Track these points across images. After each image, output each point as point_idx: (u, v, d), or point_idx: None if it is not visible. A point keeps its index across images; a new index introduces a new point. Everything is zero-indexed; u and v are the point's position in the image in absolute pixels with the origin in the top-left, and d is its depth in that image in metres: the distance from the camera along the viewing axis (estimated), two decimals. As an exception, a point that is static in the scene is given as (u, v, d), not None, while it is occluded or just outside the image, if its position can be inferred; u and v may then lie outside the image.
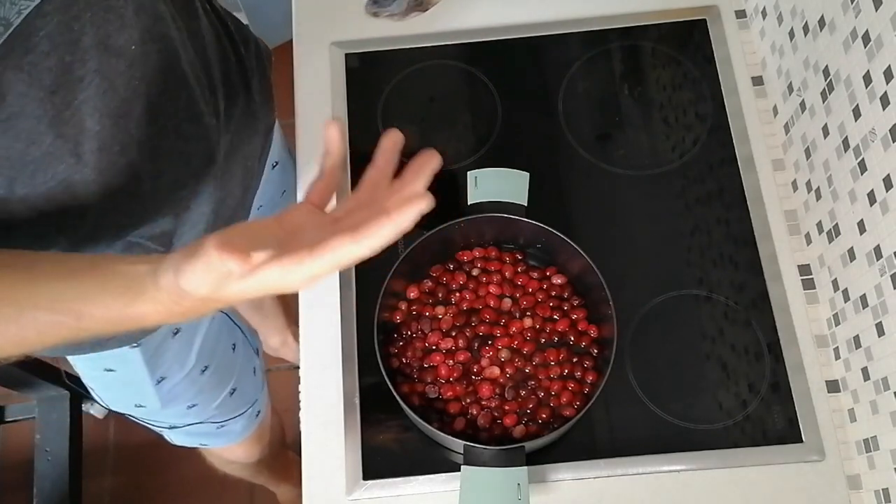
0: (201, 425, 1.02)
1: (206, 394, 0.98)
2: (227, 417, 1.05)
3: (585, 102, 1.03)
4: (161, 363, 0.87)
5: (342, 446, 0.86)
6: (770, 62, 0.99)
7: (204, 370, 0.94)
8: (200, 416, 1.00)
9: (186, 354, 0.90)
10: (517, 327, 0.86)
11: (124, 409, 0.96)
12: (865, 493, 0.83)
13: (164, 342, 0.85)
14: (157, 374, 0.88)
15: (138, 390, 0.90)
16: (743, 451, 0.84)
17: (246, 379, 1.05)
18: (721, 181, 0.96)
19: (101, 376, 0.88)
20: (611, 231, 0.95)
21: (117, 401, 0.94)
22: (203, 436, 1.07)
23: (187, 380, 0.92)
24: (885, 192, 0.75)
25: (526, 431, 0.81)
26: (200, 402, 0.98)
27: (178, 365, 0.90)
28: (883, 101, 0.74)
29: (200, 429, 1.03)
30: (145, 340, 0.82)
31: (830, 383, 0.88)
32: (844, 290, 0.85)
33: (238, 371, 1.02)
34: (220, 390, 1.00)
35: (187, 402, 0.96)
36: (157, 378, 0.88)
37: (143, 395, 0.91)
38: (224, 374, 0.99)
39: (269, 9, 1.81)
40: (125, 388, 0.91)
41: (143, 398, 0.92)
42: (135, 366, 0.84)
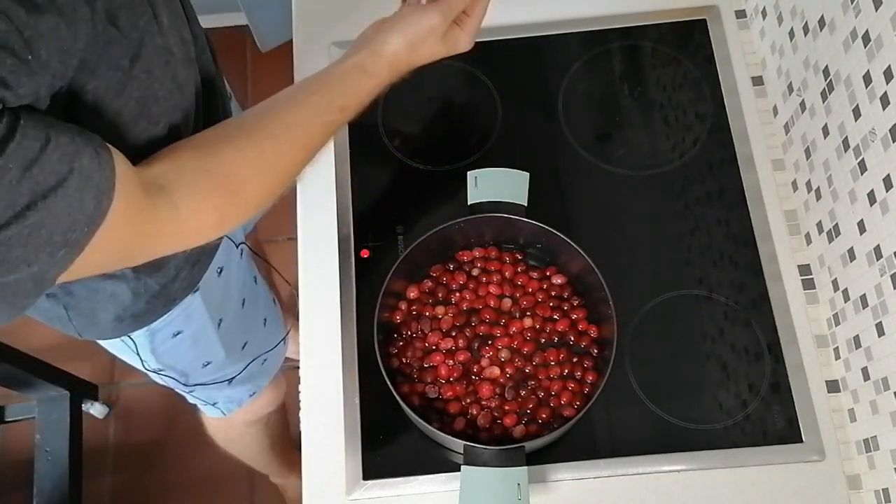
0: (252, 365, 1.08)
1: (251, 326, 1.05)
2: (268, 348, 1.12)
3: (585, 102, 1.03)
4: (214, 304, 0.92)
5: (342, 446, 0.86)
6: (770, 62, 0.99)
7: (243, 303, 1.01)
8: (252, 352, 1.07)
9: (229, 291, 0.96)
10: (517, 327, 0.86)
11: (194, 378, 1.02)
12: (865, 493, 0.83)
13: (212, 282, 0.90)
14: (217, 317, 0.94)
15: (205, 343, 0.96)
16: (743, 451, 0.84)
17: (270, 308, 1.11)
18: (721, 181, 0.96)
19: (172, 347, 0.92)
20: (611, 231, 0.95)
21: (188, 369, 1.00)
22: (252, 379, 1.12)
23: (235, 316, 0.99)
24: (885, 192, 0.75)
25: (526, 431, 0.81)
26: (250, 337, 1.05)
27: (226, 302, 0.96)
28: (883, 101, 0.74)
29: (251, 370, 1.09)
30: (202, 284, 0.88)
31: (830, 383, 0.88)
32: (844, 290, 0.85)
33: (263, 301, 1.08)
34: (258, 321, 1.07)
35: (241, 340, 1.03)
36: (217, 321, 0.94)
37: (209, 347, 0.97)
38: (256, 305, 1.06)
39: (269, 9, 1.81)
40: (194, 348, 0.96)
41: (209, 350, 0.98)
42: (198, 314, 0.90)
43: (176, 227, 0.61)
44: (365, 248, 0.94)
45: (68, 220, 0.50)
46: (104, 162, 0.52)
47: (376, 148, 1.00)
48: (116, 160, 0.54)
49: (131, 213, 0.56)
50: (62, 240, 0.51)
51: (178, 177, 0.62)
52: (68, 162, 0.50)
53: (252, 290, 1.04)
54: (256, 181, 0.66)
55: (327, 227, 0.95)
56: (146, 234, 0.59)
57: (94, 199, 0.52)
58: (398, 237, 0.94)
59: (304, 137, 0.69)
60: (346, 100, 0.71)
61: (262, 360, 1.11)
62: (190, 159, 0.63)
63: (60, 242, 0.51)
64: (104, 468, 1.69)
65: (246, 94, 1.94)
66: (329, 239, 0.95)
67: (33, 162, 0.47)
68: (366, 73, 0.72)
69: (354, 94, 0.72)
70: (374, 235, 0.95)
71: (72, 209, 0.50)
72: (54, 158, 0.49)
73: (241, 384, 1.10)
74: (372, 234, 0.95)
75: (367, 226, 0.95)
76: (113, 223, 0.54)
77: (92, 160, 0.51)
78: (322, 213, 0.96)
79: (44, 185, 0.48)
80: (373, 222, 0.95)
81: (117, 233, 0.55)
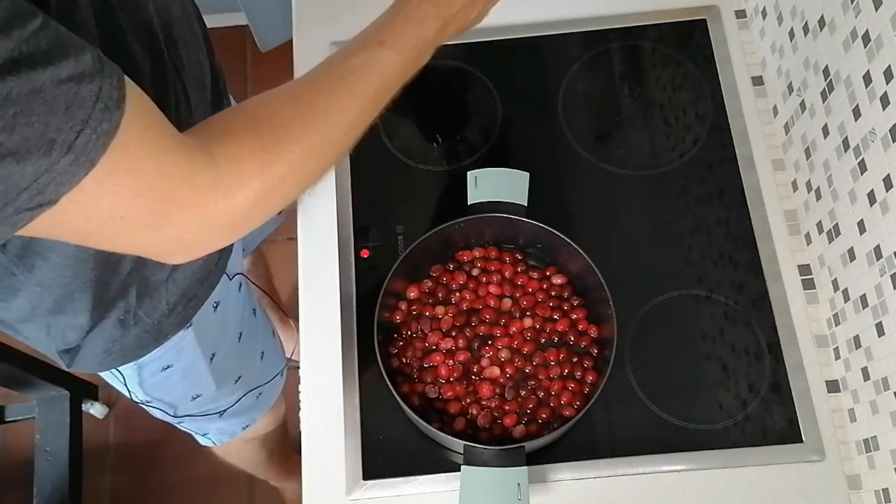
0: (245, 399, 1.06)
1: (247, 360, 1.03)
2: (264, 381, 1.09)
3: (585, 102, 1.03)
4: (208, 339, 0.90)
5: (342, 446, 0.86)
6: (770, 62, 0.99)
7: (240, 336, 0.98)
8: (245, 385, 1.05)
9: (225, 325, 0.94)
10: (517, 327, 0.86)
11: (183, 409, 0.99)
12: (865, 493, 0.83)
13: (207, 317, 0.87)
14: (210, 352, 0.92)
15: (196, 376, 0.94)
16: (743, 451, 0.84)
17: (269, 341, 1.09)
18: (721, 181, 0.96)
19: (161, 380, 0.90)
20: (611, 231, 0.95)
21: (177, 401, 0.97)
22: (245, 413, 1.10)
23: (230, 349, 0.97)
24: (885, 192, 0.75)
25: (526, 431, 0.81)
26: (244, 371, 1.03)
27: (221, 337, 0.94)
28: (883, 101, 0.74)
29: (243, 404, 1.06)
30: (196, 319, 0.85)
31: (830, 383, 0.88)
32: (844, 290, 0.85)
33: (261, 334, 1.06)
34: (254, 354, 1.05)
35: (235, 375, 1.01)
36: (209, 356, 0.92)
37: (199, 381, 0.95)
38: (254, 338, 1.03)
39: (269, 9, 1.81)
40: (184, 382, 0.94)
41: (199, 384, 0.95)
42: (189, 349, 0.88)
43: (209, 178, 0.52)
44: (365, 248, 0.94)
45: (64, 116, 0.42)
46: (110, 70, 0.44)
47: (376, 148, 1.00)
48: (131, 87, 0.46)
49: (153, 142, 0.48)
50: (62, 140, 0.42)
51: (216, 123, 0.55)
52: (63, 47, 0.42)
53: (251, 323, 1.02)
54: (308, 136, 0.58)
55: (327, 227, 0.95)
56: (172, 178, 0.50)
57: (96, 100, 0.43)
58: (398, 237, 0.94)
59: (361, 84, 0.64)
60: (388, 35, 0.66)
61: (256, 394, 1.09)
62: (232, 110, 0.58)
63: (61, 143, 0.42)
64: (104, 468, 1.69)
65: (246, 94, 1.94)
66: (329, 239, 0.95)
67: (14, 22, 0.39)
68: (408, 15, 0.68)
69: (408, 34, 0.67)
70: (374, 235, 0.95)
71: (69, 100, 0.42)
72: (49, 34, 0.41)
73: (234, 417, 1.08)
74: (372, 234, 0.95)
75: (367, 226, 0.95)
76: (129, 146, 0.46)
77: (95, 62, 0.44)
78: (322, 213, 0.96)
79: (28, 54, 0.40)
80: (373, 222, 0.95)
81: (137, 164, 0.47)
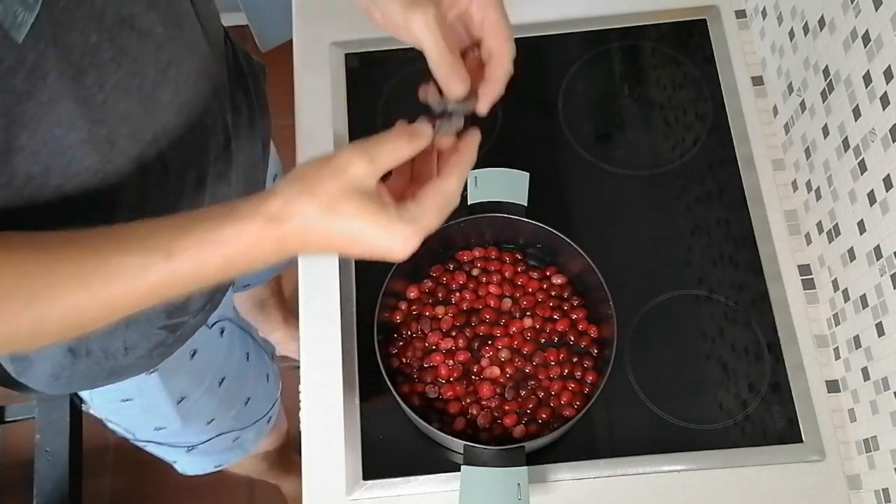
0: (217, 440, 1.01)
1: (225, 405, 0.97)
2: (242, 426, 1.04)
3: (585, 102, 1.02)
4: (179, 383, 0.85)
5: (342, 446, 0.86)
6: (770, 62, 0.99)
7: (221, 381, 0.93)
8: (219, 427, 0.99)
9: (203, 371, 0.89)
10: (517, 327, 0.86)
11: (143, 436, 0.95)
12: (865, 493, 0.83)
13: (182, 364, 0.84)
14: (177, 395, 0.87)
15: (158, 413, 0.89)
16: (743, 451, 0.84)
17: (260, 387, 1.05)
18: (721, 181, 0.96)
19: (118, 408, 0.87)
20: (611, 231, 0.95)
21: (135, 428, 0.93)
22: (218, 453, 1.06)
23: (207, 394, 0.91)
24: (885, 192, 0.75)
25: (526, 431, 0.81)
26: (218, 415, 0.97)
27: (196, 382, 0.89)
28: (883, 101, 0.74)
29: (215, 445, 1.01)
30: (162, 366, 0.79)
31: (830, 383, 0.88)
32: (844, 290, 0.85)
33: (252, 379, 1.02)
34: (237, 400, 1.00)
35: (207, 417, 0.95)
36: (177, 398, 0.87)
37: (163, 418, 0.90)
38: (240, 384, 0.99)
39: (269, 9, 1.81)
40: (144, 415, 0.89)
41: (163, 420, 0.91)
42: (153, 391, 0.83)
43: None
44: (365, 248, 0.94)
45: None
46: None
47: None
48: None
49: None
50: None
51: None
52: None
53: (239, 369, 0.97)
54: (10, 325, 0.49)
55: (327, 227, 0.95)
56: None
57: None
58: (398, 237, 0.94)
59: (101, 292, 0.50)
60: (178, 242, 0.49)
61: (232, 437, 1.03)
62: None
63: None
64: (104, 468, 1.69)
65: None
66: (329, 239, 0.94)
67: None
68: (233, 217, 0.50)
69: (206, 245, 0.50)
70: (374, 235, 0.94)
71: None
72: None
73: (205, 455, 1.03)
74: (372, 234, 0.94)
75: (367, 226, 0.95)
76: None
77: None
78: (322, 213, 0.96)
79: None
80: (373, 222, 0.95)
81: None
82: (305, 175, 0.50)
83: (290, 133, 1.01)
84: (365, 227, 0.50)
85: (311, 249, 0.51)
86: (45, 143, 0.52)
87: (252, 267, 0.51)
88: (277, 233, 0.49)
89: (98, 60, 0.52)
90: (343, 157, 0.50)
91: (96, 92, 0.53)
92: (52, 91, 0.49)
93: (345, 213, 0.49)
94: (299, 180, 0.50)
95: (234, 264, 0.50)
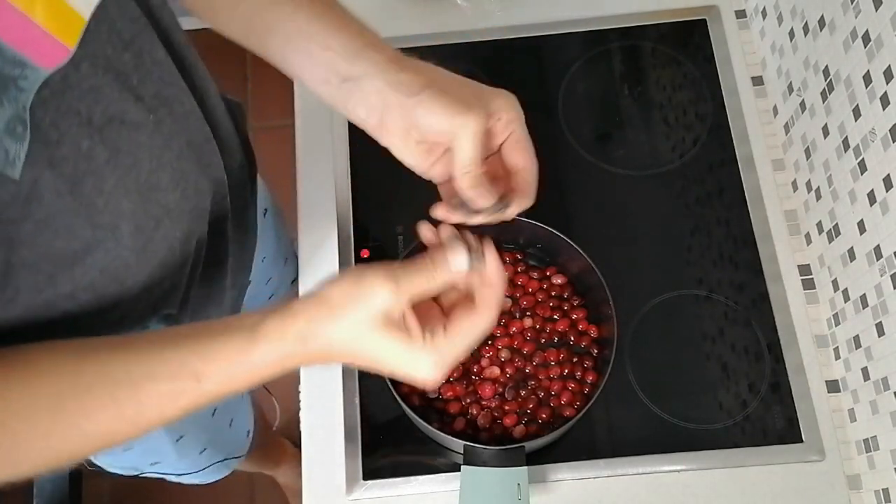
0: (210, 468, 1.03)
1: (216, 434, 1.00)
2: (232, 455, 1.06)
3: (585, 102, 1.02)
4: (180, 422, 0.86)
5: (342, 446, 0.86)
6: (770, 62, 0.99)
7: (214, 412, 0.95)
8: (212, 457, 1.01)
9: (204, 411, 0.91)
10: (517, 327, 0.86)
11: (136, 471, 0.95)
12: (865, 493, 0.83)
13: None
14: (177, 434, 0.89)
15: (156, 452, 0.90)
16: (743, 451, 0.84)
17: (240, 408, 1.06)
18: (721, 181, 0.96)
19: (119, 457, 0.87)
20: (611, 231, 0.95)
21: (132, 466, 0.93)
22: (208, 476, 1.07)
23: (201, 427, 0.94)
24: (885, 192, 0.75)
25: (526, 431, 0.81)
26: (211, 445, 0.99)
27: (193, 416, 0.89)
28: (883, 101, 0.74)
29: (208, 472, 1.03)
30: None
31: (830, 383, 0.88)
32: (844, 290, 0.85)
33: (233, 402, 1.03)
34: (225, 424, 1.02)
35: (200, 448, 0.97)
36: (176, 437, 0.89)
37: (160, 454, 0.91)
38: (227, 408, 1.01)
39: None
40: (143, 456, 0.91)
41: (160, 457, 0.92)
42: (155, 436, 0.84)
43: None
44: (365, 248, 0.94)
45: None
46: None
47: (376, 148, 1.00)
48: None
49: None
50: None
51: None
52: None
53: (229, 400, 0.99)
54: (49, 457, 0.53)
55: (327, 227, 0.95)
56: None
57: None
58: (398, 237, 0.94)
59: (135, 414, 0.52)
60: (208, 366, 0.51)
61: (224, 465, 1.06)
62: None
63: None
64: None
65: (246, 94, 1.95)
66: (329, 239, 0.95)
67: None
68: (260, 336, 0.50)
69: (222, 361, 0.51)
70: (374, 235, 0.95)
71: None
72: None
73: (195, 477, 1.05)
74: (372, 234, 0.95)
75: (367, 226, 0.95)
76: None
77: None
78: (322, 213, 0.96)
79: None
80: (373, 222, 0.95)
81: None
82: (332, 299, 0.51)
83: (290, 133, 1.01)
84: (389, 355, 0.51)
85: (336, 362, 0.53)
86: (46, 255, 0.51)
87: (276, 376, 0.53)
88: (303, 351, 0.51)
89: (93, 166, 0.51)
90: (369, 282, 0.50)
91: (95, 197, 0.52)
92: (48, 209, 0.49)
93: (369, 341, 0.50)
94: (325, 303, 0.51)
95: (262, 377, 0.52)
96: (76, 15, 0.48)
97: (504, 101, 0.58)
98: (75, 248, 0.53)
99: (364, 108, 0.57)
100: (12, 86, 0.43)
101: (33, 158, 0.46)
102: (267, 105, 1.86)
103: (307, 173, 0.98)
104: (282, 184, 1.07)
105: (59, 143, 0.48)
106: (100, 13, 0.49)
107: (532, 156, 0.60)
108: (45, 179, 0.47)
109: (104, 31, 0.50)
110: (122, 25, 0.52)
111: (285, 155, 1.08)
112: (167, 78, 0.58)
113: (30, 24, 0.44)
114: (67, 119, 0.48)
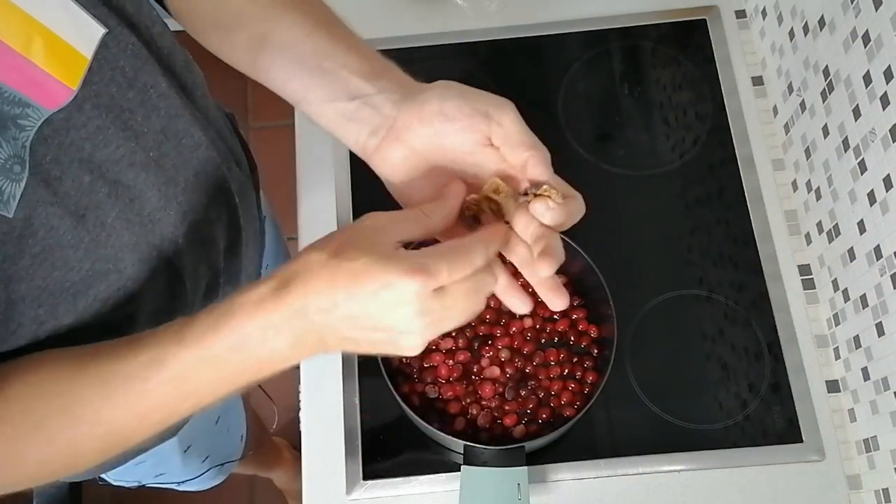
0: (209, 472, 1.04)
1: (216, 438, 1.01)
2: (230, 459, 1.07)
3: (585, 102, 1.02)
4: (188, 432, 0.86)
5: (342, 446, 0.86)
6: (770, 62, 0.99)
7: (217, 421, 0.96)
8: (212, 462, 1.03)
9: (209, 415, 0.92)
10: (517, 327, 0.86)
11: (139, 482, 0.95)
12: (865, 493, 0.83)
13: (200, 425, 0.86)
14: (185, 444, 0.90)
15: (165, 464, 0.91)
16: (743, 451, 0.84)
17: (234, 414, 1.07)
18: (721, 181, 0.96)
19: (131, 470, 0.87)
20: (611, 231, 0.95)
21: (140, 478, 0.93)
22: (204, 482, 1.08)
23: (205, 435, 0.95)
24: (885, 192, 0.75)
25: (526, 431, 0.81)
26: (212, 451, 1.00)
27: (199, 425, 0.91)
28: (883, 101, 0.74)
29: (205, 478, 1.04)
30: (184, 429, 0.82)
31: (830, 383, 0.88)
32: (844, 290, 0.85)
33: (230, 406, 1.04)
34: (224, 430, 1.03)
35: (203, 455, 0.98)
36: (184, 448, 0.90)
37: (167, 465, 0.92)
38: (226, 416, 1.02)
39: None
40: (154, 468, 0.91)
41: (166, 467, 0.93)
42: (167, 447, 0.84)
43: None
44: (365, 248, 0.94)
45: None
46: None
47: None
48: None
49: None
50: None
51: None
52: None
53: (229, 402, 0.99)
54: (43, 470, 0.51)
55: (327, 227, 0.95)
56: None
57: None
58: (398, 237, 0.94)
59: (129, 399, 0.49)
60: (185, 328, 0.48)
61: (222, 470, 1.08)
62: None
63: None
64: (104, 468, 1.69)
65: (246, 93, 1.94)
66: (329, 239, 0.95)
67: None
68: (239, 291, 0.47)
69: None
70: (374, 235, 0.94)
71: None
72: None
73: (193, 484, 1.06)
74: (372, 234, 0.95)
75: (367, 226, 0.95)
76: None
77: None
78: (322, 212, 0.96)
79: None
80: (373, 222, 0.95)
81: None
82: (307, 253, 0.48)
83: (289, 133, 1.01)
84: (368, 262, 0.45)
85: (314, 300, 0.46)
86: (46, 287, 0.51)
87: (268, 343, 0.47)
88: (284, 292, 0.46)
89: (95, 200, 0.50)
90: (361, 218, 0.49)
91: (98, 231, 0.52)
92: (44, 243, 0.48)
93: (351, 253, 0.46)
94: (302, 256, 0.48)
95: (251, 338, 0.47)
96: (78, 55, 0.48)
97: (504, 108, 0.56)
98: (76, 280, 0.52)
99: (370, 125, 0.55)
100: (11, 125, 0.43)
101: (32, 194, 0.45)
102: (267, 105, 1.86)
103: (307, 174, 0.98)
104: (281, 184, 1.07)
105: (61, 179, 0.48)
106: (101, 52, 0.49)
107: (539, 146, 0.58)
108: (42, 214, 0.47)
109: (106, 69, 0.50)
110: (125, 62, 0.52)
111: (285, 154, 1.09)
112: (173, 111, 0.58)
113: (29, 65, 0.44)
114: (69, 155, 0.48)
